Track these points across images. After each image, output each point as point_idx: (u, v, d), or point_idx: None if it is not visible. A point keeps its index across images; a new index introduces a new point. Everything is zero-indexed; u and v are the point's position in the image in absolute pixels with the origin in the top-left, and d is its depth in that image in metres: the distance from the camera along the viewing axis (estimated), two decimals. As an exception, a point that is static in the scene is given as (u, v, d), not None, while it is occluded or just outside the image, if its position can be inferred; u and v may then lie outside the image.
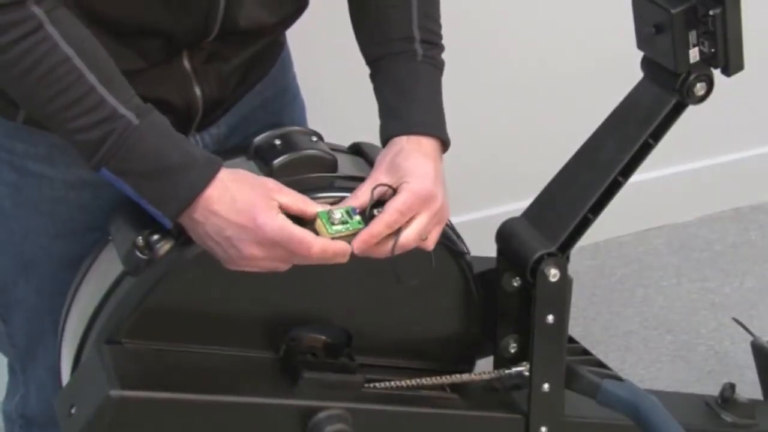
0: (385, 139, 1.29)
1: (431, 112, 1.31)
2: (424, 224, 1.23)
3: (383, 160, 1.26)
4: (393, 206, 1.21)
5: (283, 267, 1.19)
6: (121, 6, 1.19)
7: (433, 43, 1.33)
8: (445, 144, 1.29)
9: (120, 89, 1.14)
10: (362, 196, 1.22)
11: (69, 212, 1.33)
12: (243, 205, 1.16)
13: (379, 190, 1.22)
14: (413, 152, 1.26)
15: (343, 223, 1.18)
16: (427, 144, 1.27)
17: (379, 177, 1.24)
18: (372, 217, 1.20)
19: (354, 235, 1.18)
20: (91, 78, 1.12)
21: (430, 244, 1.25)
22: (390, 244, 1.21)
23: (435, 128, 1.29)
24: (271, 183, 1.19)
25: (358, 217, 1.19)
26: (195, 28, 1.24)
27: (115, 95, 1.13)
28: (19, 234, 1.34)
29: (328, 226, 1.18)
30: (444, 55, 1.35)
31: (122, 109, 1.13)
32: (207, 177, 1.15)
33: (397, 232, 1.21)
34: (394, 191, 1.22)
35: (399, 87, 1.31)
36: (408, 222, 1.22)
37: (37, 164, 1.31)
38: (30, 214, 1.33)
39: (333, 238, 1.18)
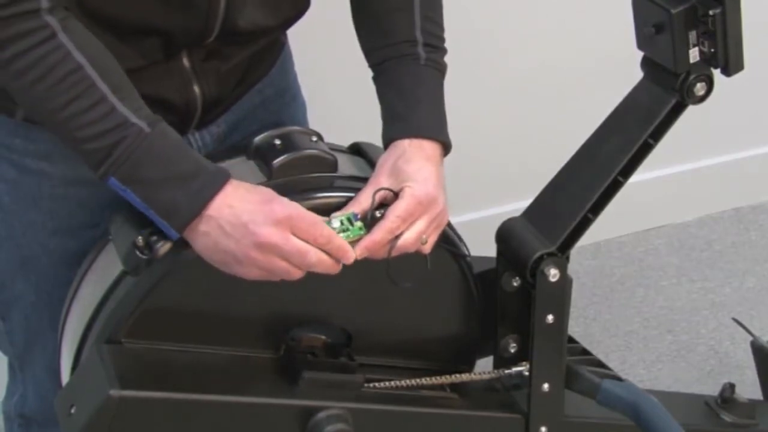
0: (387, 142, 1.29)
1: (434, 115, 1.31)
2: (423, 228, 1.24)
3: (385, 164, 1.26)
4: (395, 212, 1.22)
5: (295, 271, 1.17)
6: (121, 5, 1.19)
7: (436, 46, 1.34)
8: (446, 147, 1.30)
9: (131, 99, 1.15)
10: (364, 201, 1.23)
11: (68, 209, 1.33)
12: (257, 193, 1.17)
13: (381, 194, 1.23)
14: (415, 156, 1.26)
15: (344, 230, 1.19)
16: (429, 147, 1.28)
17: (380, 180, 1.25)
18: (374, 219, 1.21)
19: (356, 241, 1.19)
20: (103, 87, 1.13)
21: (428, 247, 1.26)
22: (388, 246, 1.22)
23: (437, 132, 1.30)
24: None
25: (359, 223, 1.20)
26: (195, 28, 1.24)
27: (126, 104, 1.14)
28: (19, 230, 1.35)
29: None
30: (445, 57, 1.35)
31: (134, 118, 1.14)
32: (216, 186, 1.16)
33: (398, 236, 1.21)
34: (396, 195, 1.23)
35: (402, 90, 1.31)
36: (408, 226, 1.22)
37: (36, 161, 1.31)
38: (29, 210, 1.33)
39: None
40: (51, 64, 1.12)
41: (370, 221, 1.21)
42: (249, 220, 1.15)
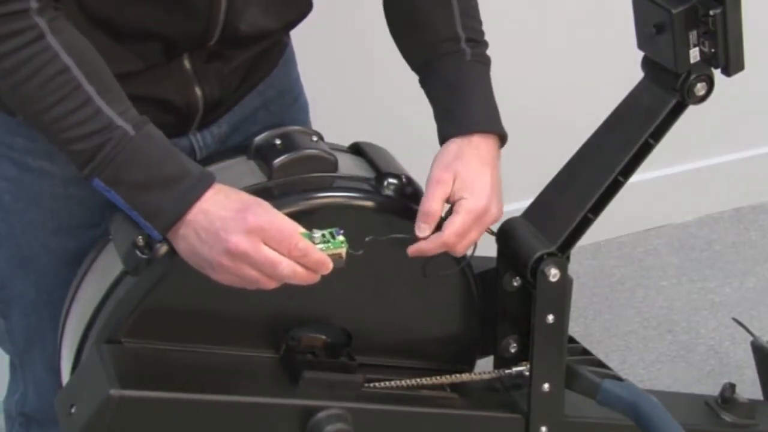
0: (443, 141, 1.30)
1: (487, 109, 1.32)
2: (475, 238, 1.26)
3: (442, 162, 1.27)
4: (451, 229, 1.24)
5: (267, 281, 1.16)
6: (122, 10, 1.19)
7: (478, 41, 1.35)
8: (502, 138, 1.31)
9: (117, 101, 1.15)
10: (435, 206, 1.24)
11: (68, 208, 1.33)
12: (235, 201, 1.16)
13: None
14: (471, 159, 1.27)
15: (325, 242, 1.18)
16: (484, 146, 1.29)
17: (442, 176, 1.25)
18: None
19: (336, 254, 1.18)
20: (89, 89, 1.13)
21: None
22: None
23: (491, 125, 1.31)
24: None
25: (341, 237, 1.19)
26: (195, 32, 1.24)
27: (112, 107, 1.14)
28: (19, 229, 1.35)
29: None
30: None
31: (119, 121, 1.14)
32: (199, 190, 1.15)
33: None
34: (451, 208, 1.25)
35: (452, 88, 1.32)
36: (461, 239, 1.25)
37: (36, 160, 1.31)
38: (30, 208, 1.34)
39: None
40: (38, 64, 1.12)
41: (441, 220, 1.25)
42: (221, 228, 1.14)
